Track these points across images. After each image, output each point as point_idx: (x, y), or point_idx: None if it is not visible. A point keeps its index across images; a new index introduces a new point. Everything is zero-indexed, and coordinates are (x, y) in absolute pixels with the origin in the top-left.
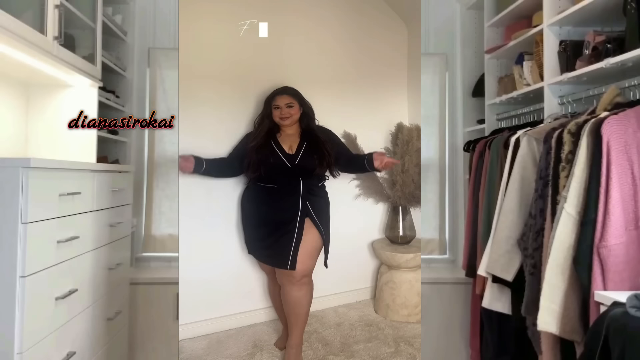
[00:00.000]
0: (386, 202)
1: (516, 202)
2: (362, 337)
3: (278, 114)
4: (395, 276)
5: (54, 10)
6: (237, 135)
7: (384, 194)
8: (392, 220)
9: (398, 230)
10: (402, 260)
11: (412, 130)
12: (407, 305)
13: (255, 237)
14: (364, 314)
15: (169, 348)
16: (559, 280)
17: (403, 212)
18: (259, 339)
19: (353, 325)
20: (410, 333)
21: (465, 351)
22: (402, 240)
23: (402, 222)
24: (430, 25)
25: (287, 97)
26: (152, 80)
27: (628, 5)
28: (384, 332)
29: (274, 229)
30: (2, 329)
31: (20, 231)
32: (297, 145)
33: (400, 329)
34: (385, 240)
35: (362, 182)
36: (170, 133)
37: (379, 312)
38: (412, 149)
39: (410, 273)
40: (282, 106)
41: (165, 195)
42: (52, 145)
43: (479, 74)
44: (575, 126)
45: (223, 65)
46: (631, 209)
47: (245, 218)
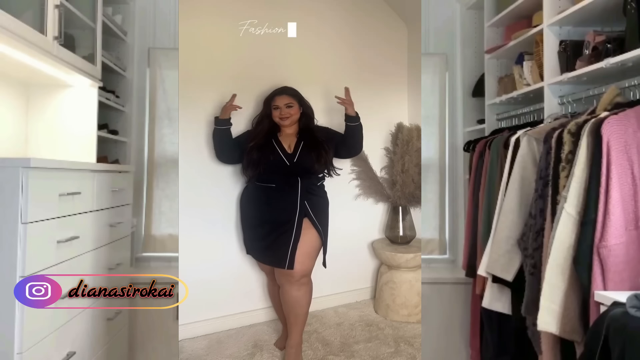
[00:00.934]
0: (386, 202)
1: (516, 202)
2: (362, 337)
3: (278, 114)
4: (395, 276)
5: (54, 10)
6: (238, 134)
7: (384, 193)
8: (392, 220)
9: (398, 230)
10: (402, 260)
11: (412, 130)
12: (407, 305)
13: (254, 236)
14: (364, 314)
15: (169, 348)
16: (559, 280)
17: (403, 212)
18: (259, 339)
19: (353, 325)
20: (410, 333)
21: (465, 351)
22: (402, 240)
23: (402, 222)
24: (430, 25)
25: (287, 98)
26: (152, 80)
27: (628, 5)
28: (384, 332)
29: (272, 229)
30: (2, 329)
31: (20, 231)
32: (295, 143)
33: (400, 329)
34: (385, 240)
35: (362, 182)
36: (171, 133)
37: (379, 312)
38: (412, 149)
39: (410, 273)
40: (282, 106)
41: (165, 195)
42: (52, 145)
43: (479, 74)
44: (575, 126)
45: (223, 64)
46: (631, 209)
47: (244, 218)
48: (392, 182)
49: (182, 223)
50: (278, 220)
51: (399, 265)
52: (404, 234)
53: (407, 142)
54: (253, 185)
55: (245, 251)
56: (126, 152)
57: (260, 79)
